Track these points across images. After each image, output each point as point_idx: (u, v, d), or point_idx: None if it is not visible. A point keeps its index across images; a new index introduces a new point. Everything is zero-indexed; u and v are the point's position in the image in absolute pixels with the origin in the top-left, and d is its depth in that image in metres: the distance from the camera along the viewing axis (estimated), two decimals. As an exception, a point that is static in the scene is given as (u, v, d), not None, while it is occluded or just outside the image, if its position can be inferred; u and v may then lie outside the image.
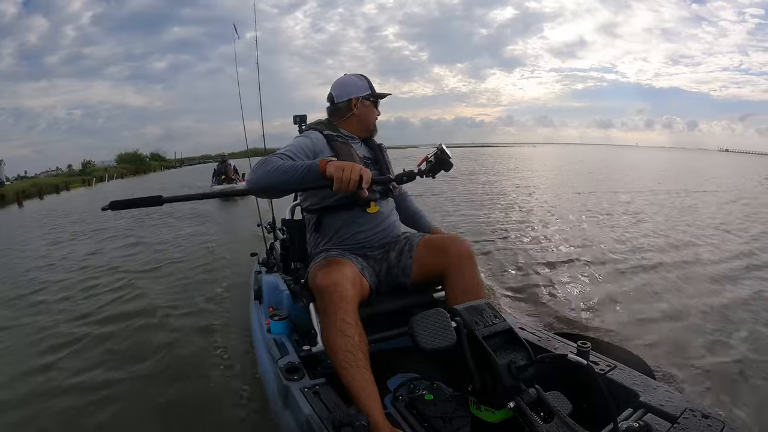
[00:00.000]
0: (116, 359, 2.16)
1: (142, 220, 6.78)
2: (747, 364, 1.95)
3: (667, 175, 14.23)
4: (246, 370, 1.91)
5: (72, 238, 6.05)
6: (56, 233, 6.69)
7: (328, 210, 1.38)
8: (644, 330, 2.32)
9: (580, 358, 0.79)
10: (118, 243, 5.32)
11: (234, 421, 1.59)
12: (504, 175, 14.55)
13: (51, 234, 6.69)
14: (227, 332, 2.35)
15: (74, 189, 18.82)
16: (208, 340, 2.29)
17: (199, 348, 2.20)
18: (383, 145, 1.53)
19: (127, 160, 39.33)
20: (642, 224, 5.42)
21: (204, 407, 1.68)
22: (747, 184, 11.54)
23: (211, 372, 1.95)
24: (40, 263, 4.56)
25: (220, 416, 1.63)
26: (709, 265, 3.58)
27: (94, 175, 25.01)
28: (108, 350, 2.27)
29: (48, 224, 7.94)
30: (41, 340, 2.45)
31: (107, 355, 2.22)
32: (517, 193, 9.31)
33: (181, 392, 1.80)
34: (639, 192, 9.04)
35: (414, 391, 1.16)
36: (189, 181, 16.26)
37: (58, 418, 1.68)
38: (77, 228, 6.96)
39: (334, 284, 1.10)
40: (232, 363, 2.02)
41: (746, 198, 8.26)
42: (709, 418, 0.85)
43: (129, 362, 2.10)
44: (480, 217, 6.10)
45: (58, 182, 19.69)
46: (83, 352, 2.27)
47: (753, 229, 5.09)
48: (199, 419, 1.62)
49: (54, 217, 8.97)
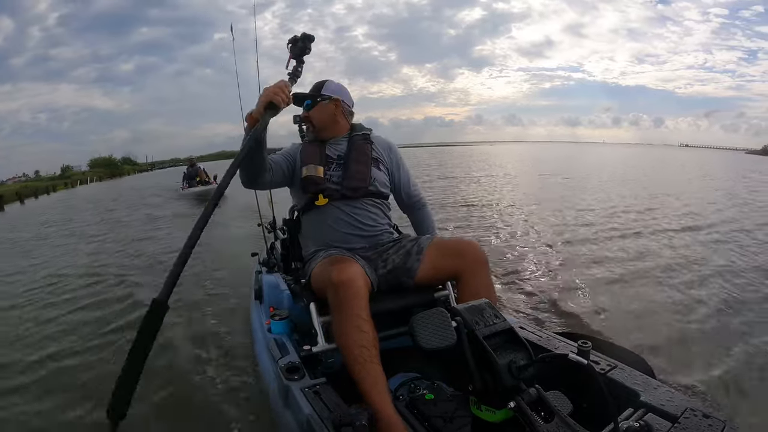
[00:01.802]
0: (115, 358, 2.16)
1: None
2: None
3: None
4: (246, 369, 1.91)
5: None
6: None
7: (301, 211, 1.49)
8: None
9: (580, 358, 0.79)
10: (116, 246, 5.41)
11: (234, 421, 1.60)
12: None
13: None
14: (227, 332, 2.36)
15: (60, 190, 20.75)
16: (208, 339, 2.29)
17: (199, 348, 2.20)
18: (366, 142, 1.50)
19: (101, 164, 41.99)
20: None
21: (204, 407, 1.69)
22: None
23: (212, 372, 1.95)
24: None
25: (220, 416, 1.63)
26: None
27: (74, 179, 27.75)
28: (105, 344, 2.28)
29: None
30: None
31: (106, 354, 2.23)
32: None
33: (181, 392, 1.80)
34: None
35: (414, 390, 1.16)
36: (161, 182, 17.30)
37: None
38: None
39: (350, 280, 1.11)
40: (233, 363, 2.02)
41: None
42: (710, 418, 0.85)
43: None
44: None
45: (46, 185, 21.70)
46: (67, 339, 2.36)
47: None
48: (200, 419, 1.62)
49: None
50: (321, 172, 1.40)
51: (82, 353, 2.26)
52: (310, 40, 1.22)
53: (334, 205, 1.40)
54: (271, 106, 1.13)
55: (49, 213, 10.33)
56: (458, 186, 10.41)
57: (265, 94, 1.15)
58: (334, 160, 1.45)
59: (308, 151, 1.46)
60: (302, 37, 1.22)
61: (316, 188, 1.40)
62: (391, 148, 1.56)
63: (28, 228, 7.64)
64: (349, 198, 1.40)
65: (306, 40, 1.22)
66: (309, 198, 1.42)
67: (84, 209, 10.47)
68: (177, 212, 7.97)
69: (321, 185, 1.39)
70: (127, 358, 0.79)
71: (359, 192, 1.41)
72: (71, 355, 2.24)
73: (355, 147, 1.48)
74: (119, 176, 34.51)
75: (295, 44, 1.22)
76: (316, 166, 1.41)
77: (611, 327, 2.34)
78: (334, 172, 1.42)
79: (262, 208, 2.63)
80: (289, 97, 1.17)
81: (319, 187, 1.39)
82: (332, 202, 1.39)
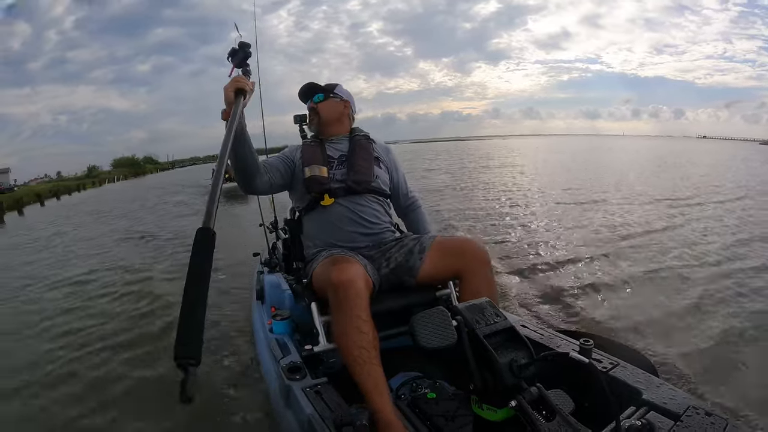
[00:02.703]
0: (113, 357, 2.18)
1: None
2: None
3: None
4: (248, 369, 1.91)
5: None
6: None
7: (303, 211, 1.48)
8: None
9: (582, 356, 0.79)
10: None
11: (236, 421, 1.60)
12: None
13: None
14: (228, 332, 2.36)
15: (89, 188, 23.81)
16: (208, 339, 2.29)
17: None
18: (368, 142, 1.53)
19: (124, 164, 45.64)
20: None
21: (205, 407, 1.69)
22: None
23: (212, 371, 1.95)
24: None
25: (221, 416, 1.63)
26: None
27: (101, 178, 31.84)
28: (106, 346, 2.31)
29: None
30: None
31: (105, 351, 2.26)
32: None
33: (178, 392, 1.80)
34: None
35: (416, 389, 1.16)
36: (182, 180, 19.70)
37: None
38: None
39: (350, 281, 1.11)
40: (234, 363, 2.02)
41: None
42: (712, 416, 0.84)
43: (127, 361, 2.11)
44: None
45: (77, 184, 24.97)
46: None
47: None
48: (201, 419, 1.62)
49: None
50: (325, 172, 1.41)
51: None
52: (248, 46, 1.27)
53: (339, 203, 1.40)
54: (240, 92, 1.16)
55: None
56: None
57: (230, 84, 1.15)
58: (335, 159, 1.46)
59: (309, 151, 1.46)
60: (240, 46, 1.26)
61: (321, 188, 1.40)
62: (389, 151, 1.60)
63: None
64: (354, 193, 1.41)
65: (245, 48, 1.26)
66: (312, 198, 1.41)
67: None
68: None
69: (326, 185, 1.40)
70: (184, 296, 0.69)
71: (363, 186, 1.42)
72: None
73: (358, 145, 1.50)
74: (143, 175, 38.24)
75: (235, 55, 1.26)
76: (320, 166, 1.41)
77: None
78: (337, 171, 1.43)
79: (264, 208, 2.63)
80: (250, 83, 1.18)
81: (324, 186, 1.40)
82: (337, 201, 1.40)
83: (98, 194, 18.65)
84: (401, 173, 1.62)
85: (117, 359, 2.19)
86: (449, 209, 6.31)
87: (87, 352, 2.29)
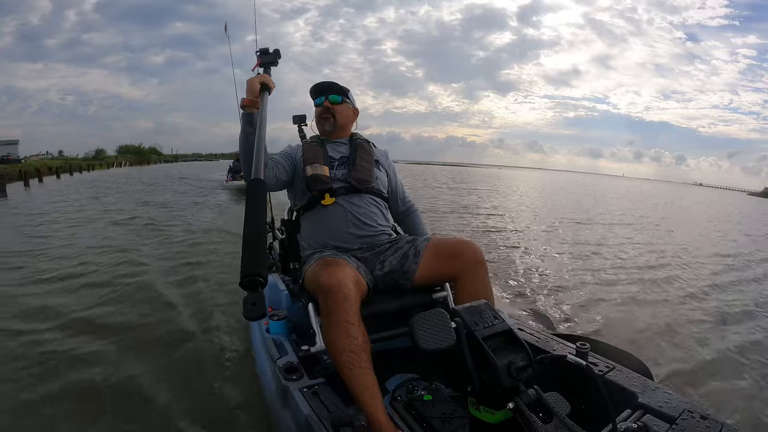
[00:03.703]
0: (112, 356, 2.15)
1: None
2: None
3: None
4: (244, 369, 1.90)
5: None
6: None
7: (302, 211, 1.49)
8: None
9: (579, 359, 0.80)
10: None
11: (232, 421, 1.59)
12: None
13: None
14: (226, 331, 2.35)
15: (97, 170, 25.56)
16: (207, 338, 2.28)
17: (198, 347, 2.19)
18: (369, 145, 1.57)
19: (130, 151, 47.14)
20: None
21: (202, 407, 1.68)
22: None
23: (209, 371, 1.94)
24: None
25: (217, 416, 1.62)
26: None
27: (109, 161, 34.13)
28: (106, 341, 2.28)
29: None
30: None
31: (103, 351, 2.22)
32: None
33: (179, 392, 1.79)
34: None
35: (413, 391, 1.16)
36: (189, 172, 21.11)
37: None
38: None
39: (338, 284, 1.10)
40: (231, 363, 2.01)
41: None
42: (708, 420, 0.85)
43: (127, 362, 2.09)
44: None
45: (88, 164, 27.15)
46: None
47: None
48: (197, 419, 1.61)
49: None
50: (326, 171, 1.42)
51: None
52: (279, 56, 1.35)
53: (338, 203, 1.41)
54: (265, 87, 1.25)
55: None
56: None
57: (258, 77, 1.25)
58: (336, 160, 1.49)
59: (310, 151, 1.48)
60: (274, 52, 1.35)
61: (323, 186, 1.41)
62: (388, 156, 1.65)
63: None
64: (354, 192, 1.43)
65: (276, 55, 1.34)
66: (313, 197, 1.42)
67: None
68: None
69: (327, 184, 1.41)
70: (244, 229, 0.80)
71: (364, 185, 1.44)
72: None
73: (359, 147, 1.53)
74: (146, 164, 39.58)
75: (266, 55, 1.33)
76: (321, 165, 1.43)
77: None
78: (338, 171, 1.45)
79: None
80: (273, 83, 1.28)
81: (325, 185, 1.41)
82: (337, 201, 1.41)
83: (114, 174, 20.35)
84: (398, 178, 1.66)
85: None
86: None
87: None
